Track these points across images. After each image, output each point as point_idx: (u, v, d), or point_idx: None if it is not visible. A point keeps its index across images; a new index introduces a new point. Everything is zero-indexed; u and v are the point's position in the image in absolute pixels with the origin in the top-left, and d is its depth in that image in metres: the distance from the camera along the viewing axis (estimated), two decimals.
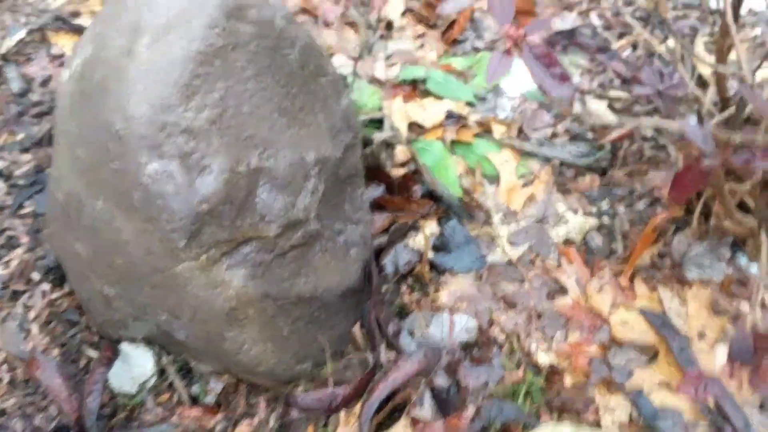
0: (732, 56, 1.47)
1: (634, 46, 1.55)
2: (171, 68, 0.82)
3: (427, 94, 1.44)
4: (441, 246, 1.25)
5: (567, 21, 1.56)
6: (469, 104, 1.43)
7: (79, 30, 1.67)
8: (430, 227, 1.27)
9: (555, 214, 1.26)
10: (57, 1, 1.77)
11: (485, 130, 1.39)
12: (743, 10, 1.62)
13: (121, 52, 0.84)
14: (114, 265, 0.96)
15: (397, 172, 1.31)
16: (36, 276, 1.23)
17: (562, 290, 1.18)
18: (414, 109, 1.39)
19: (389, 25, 1.61)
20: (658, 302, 1.14)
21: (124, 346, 1.11)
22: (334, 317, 1.08)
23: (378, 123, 1.39)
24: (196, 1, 0.85)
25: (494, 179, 1.32)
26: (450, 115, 1.40)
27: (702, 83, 1.41)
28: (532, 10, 1.63)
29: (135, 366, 1.09)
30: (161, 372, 1.09)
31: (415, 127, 1.39)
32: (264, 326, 0.99)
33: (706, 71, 1.41)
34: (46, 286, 1.22)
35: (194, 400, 1.07)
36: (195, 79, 0.84)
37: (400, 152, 1.33)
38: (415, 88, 1.45)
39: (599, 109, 1.40)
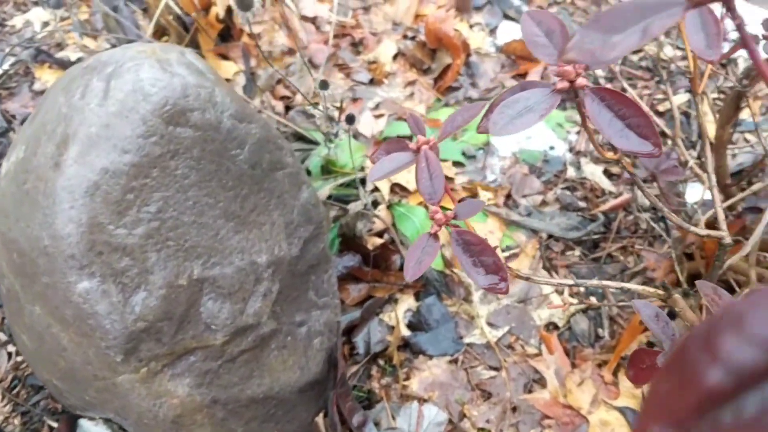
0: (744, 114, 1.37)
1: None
2: (100, 184, 0.77)
3: None
4: (417, 324, 1.19)
5: None
6: (458, 164, 1.36)
7: (62, 65, 1.62)
8: (407, 302, 1.20)
9: (539, 294, 1.19)
10: (42, 32, 1.72)
11: (472, 194, 1.31)
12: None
13: (48, 162, 0.78)
14: (58, 365, 0.92)
15: (375, 242, 1.24)
16: (2, 336, 1.20)
17: (541, 381, 1.11)
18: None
19: (379, 70, 1.53)
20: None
21: (84, 423, 1.07)
22: (293, 411, 1.03)
23: (361, 183, 1.32)
24: (131, 107, 0.78)
25: None
26: None
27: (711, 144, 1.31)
28: (532, 56, 1.53)
29: None
30: None
31: (398, 189, 1.32)
32: (215, 428, 0.94)
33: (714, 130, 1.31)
34: (12, 348, 1.19)
35: None
36: (128, 193, 0.79)
37: (380, 219, 1.26)
38: None
39: (595, 174, 1.31)
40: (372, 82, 1.53)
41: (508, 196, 1.30)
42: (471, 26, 1.66)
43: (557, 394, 1.09)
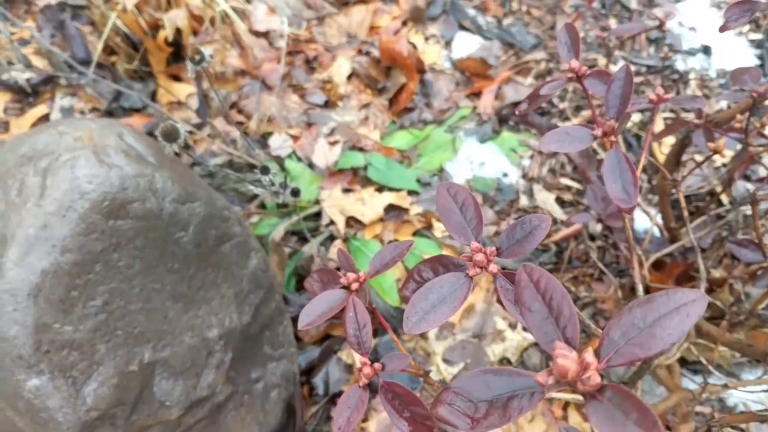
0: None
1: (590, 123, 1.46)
2: (42, 286, 0.77)
3: (368, 181, 1.37)
4: (375, 362, 1.21)
5: (520, 91, 1.47)
6: (412, 192, 1.36)
7: (9, 87, 1.58)
8: None
9: (493, 329, 1.22)
10: None
11: (427, 224, 1.32)
12: (712, 71, 1.52)
13: None
14: None
15: None
16: None
17: None
18: (352, 204, 1.32)
19: (334, 91, 1.51)
20: None
21: None
22: None
23: (316, 217, 1.32)
24: (69, 206, 0.78)
25: None
26: (391, 208, 1.33)
27: (654, 169, 1.33)
28: (486, 73, 1.53)
29: None
30: None
31: (353, 222, 1.33)
32: None
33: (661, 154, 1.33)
34: None
35: None
36: (72, 290, 0.79)
37: (335, 255, 1.27)
38: (356, 174, 1.38)
39: (547, 202, 1.33)
40: (327, 104, 1.51)
41: None
42: (426, 38, 1.64)
43: (509, 429, 1.13)
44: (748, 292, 1.18)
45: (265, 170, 0.80)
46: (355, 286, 0.60)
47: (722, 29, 0.68)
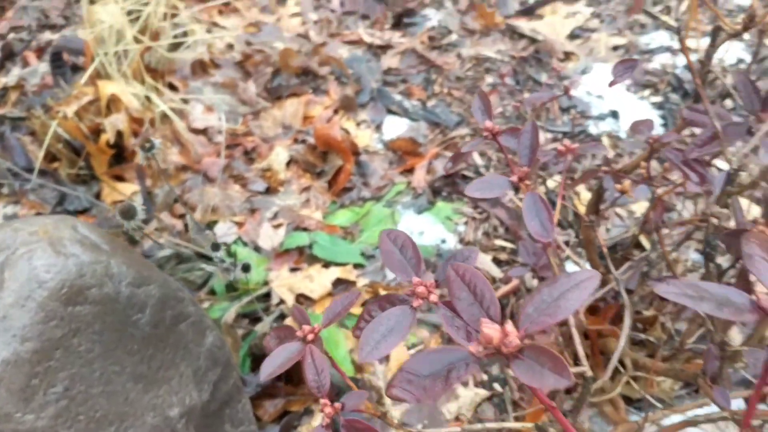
0: None
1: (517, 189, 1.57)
2: (3, 376, 0.78)
3: (314, 259, 1.42)
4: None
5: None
6: (358, 265, 1.42)
7: None
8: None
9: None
10: None
11: (374, 294, 1.38)
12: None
13: None
14: None
15: None
16: None
17: None
18: (300, 282, 1.37)
19: (274, 178, 1.59)
20: None
21: None
22: None
23: (265, 297, 1.36)
24: (28, 296, 0.81)
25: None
26: (338, 282, 1.39)
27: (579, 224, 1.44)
28: (417, 151, 1.64)
29: None
30: None
31: (303, 299, 1.37)
32: None
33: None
34: None
35: None
36: (33, 378, 0.80)
37: None
38: (302, 253, 1.44)
39: (484, 263, 1.41)
40: (268, 190, 1.58)
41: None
42: (358, 124, 1.75)
43: None
44: (678, 329, 1.27)
45: (215, 247, 0.85)
46: (310, 336, 0.65)
47: (611, 84, 0.79)
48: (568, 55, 1.87)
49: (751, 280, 0.77)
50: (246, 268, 0.92)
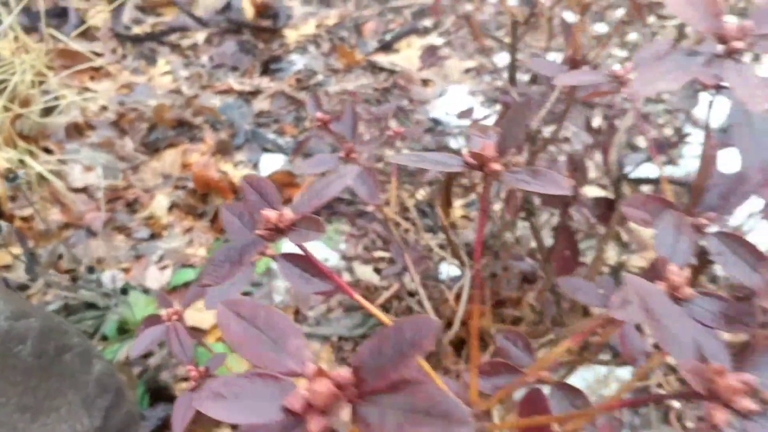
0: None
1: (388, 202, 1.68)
2: None
3: None
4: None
5: (332, 187, 1.67)
6: (246, 293, 1.48)
7: None
8: None
9: None
10: None
11: None
12: None
13: None
14: None
15: (183, 387, 1.32)
16: None
17: None
18: (190, 315, 1.41)
19: (157, 224, 1.63)
20: None
21: None
22: None
23: None
24: None
25: None
26: None
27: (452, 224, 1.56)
28: (293, 182, 1.73)
29: None
30: None
31: (195, 331, 1.41)
32: None
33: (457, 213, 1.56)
34: None
35: None
36: None
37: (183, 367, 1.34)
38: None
39: (366, 274, 1.50)
40: (152, 236, 1.63)
41: (297, 312, 1.45)
42: (235, 164, 1.83)
43: None
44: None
45: (90, 270, 0.90)
46: (174, 317, 0.72)
47: (419, 69, 0.92)
48: (425, 82, 2.03)
49: None
50: (124, 291, 0.97)
